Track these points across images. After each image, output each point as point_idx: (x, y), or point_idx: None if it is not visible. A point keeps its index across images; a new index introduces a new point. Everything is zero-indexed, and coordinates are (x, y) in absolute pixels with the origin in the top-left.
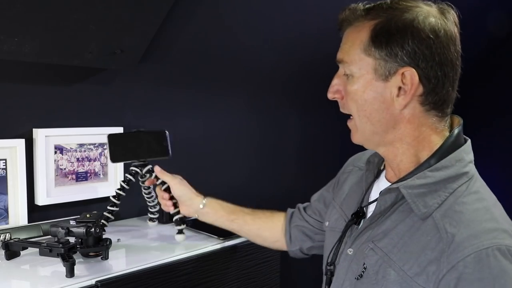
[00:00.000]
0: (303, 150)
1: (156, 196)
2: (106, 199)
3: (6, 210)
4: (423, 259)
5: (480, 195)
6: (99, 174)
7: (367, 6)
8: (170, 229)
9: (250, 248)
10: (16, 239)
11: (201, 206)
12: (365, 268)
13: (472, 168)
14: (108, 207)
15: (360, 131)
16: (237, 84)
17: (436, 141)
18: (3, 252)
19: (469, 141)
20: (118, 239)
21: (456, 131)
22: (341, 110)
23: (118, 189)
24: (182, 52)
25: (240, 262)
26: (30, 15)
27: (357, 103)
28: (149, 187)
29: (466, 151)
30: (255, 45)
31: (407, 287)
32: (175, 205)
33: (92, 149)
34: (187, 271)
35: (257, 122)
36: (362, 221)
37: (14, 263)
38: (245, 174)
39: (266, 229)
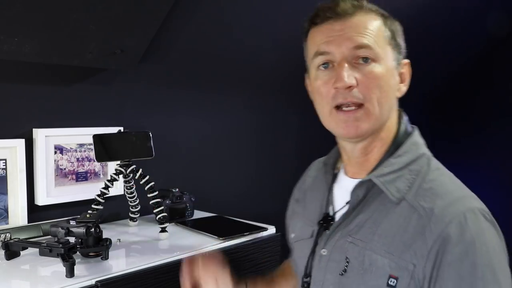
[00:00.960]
0: (302, 150)
1: (136, 196)
2: (106, 199)
3: (6, 210)
4: (406, 238)
5: (441, 170)
6: (99, 174)
7: (354, 2)
8: (170, 229)
9: (250, 248)
10: (16, 239)
11: None
12: (347, 262)
13: (427, 150)
14: (93, 206)
15: (375, 119)
16: (237, 84)
17: (394, 128)
18: (3, 252)
19: (416, 127)
20: (118, 239)
21: (405, 119)
22: (350, 99)
23: (103, 188)
24: (182, 52)
25: (240, 262)
26: (30, 15)
27: (382, 89)
28: (131, 187)
29: (418, 136)
30: (255, 45)
31: (396, 267)
32: (162, 221)
33: (92, 149)
34: None
35: (257, 122)
36: (331, 226)
37: (14, 263)
38: (245, 174)
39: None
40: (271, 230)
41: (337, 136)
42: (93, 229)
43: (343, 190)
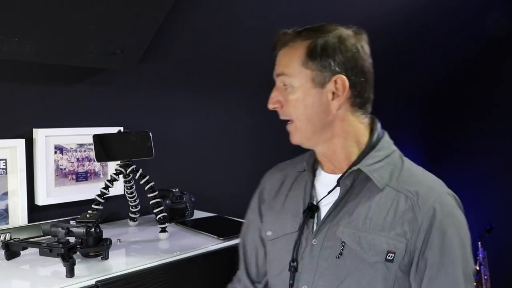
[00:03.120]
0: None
1: (136, 196)
2: (106, 199)
3: (6, 210)
4: (397, 217)
5: (413, 163)
6: (99, 174)
7: (297, 30)
8: (170, 229)
9: None
10: (16, 239)
11: None
12: (343, 246)
13: (396, 148)
14: (93, 206)
15: (301, 132)
16: (237, 84)
17: (365, 133)
18: (3, 252)
19: (385, 131)
20: (118, 239)
21: (378, 125)
22: (281, 117)
23: (103, 188)
24: (182, 52)
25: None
26: (30, 15)
27: (298, 109)
28: (131, 187)
29: (388, 137)
30: (254, 45)
31: (392, 243)
32: (162, 221)
33: (92, 149)
34: (187, 271)
35: (256, 121)
36: (316, 214)
37: (14, 263)
38: (244, 174)
39: None
40: None
41: None
42: (93, 229)
43: (324, 184)
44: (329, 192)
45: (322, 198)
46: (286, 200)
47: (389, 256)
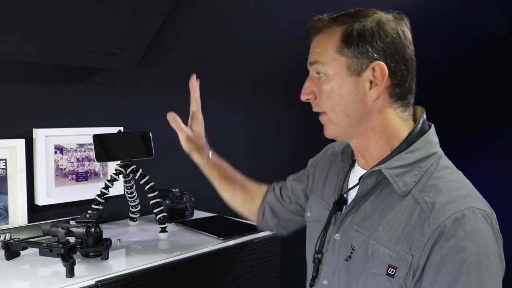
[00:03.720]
0: (301, 150)
1: (136, 196)
2: (106, 199)
3: (6, 210)
4: (408, 230)
5: (451, 169)
6: (99, 174)
7: (332, 15)
8: (170, 229)
9: (250, 248)
10: (16, 239)
11: (210, 153)
12: (353, 249)
13: (439, 149)
14: (93, 206)
15: (336, 124)
16: (237, 84)
17: (404, 129)
18: (3, 252)
19: (433, 126)
20: (118, 239)
21: (421, 119)
22: (314, 109)
23: (103, 188)
24: (182, 52)
25: (240, 262)
26: (30, 15)
27: (333, 99)
28: (132, 187)
29: (432, 135)
30: (254, 45)
31: (396, 258)
32: (162, 221)
33: (92, 149)
34: (187, 271)
35: (256, 122)
36: (344, 207)
37: (14, 263)
38: (244, 173)
39: (249, 201)
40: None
41: None
42: (93, 229)
43: (356, 178)
44: (350, 188)
45: (347, 191)
46: (325, 185)
47: (390, 270)
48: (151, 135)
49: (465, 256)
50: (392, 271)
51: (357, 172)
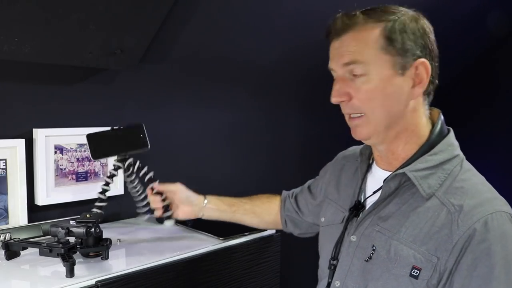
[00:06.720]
0: (303, 150)
1: (142, 190)
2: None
3: (6, 210)
4: (433, 232)
5: (473, 172)
6: (99, 174)
7: (362, 11)
8: (170, 229)
9: (250, 248)
10: (16, 239)
11: (205, 202)
12: (374, 250)
13: (460, 152)
14: (96, 204)
15: (374, 126)
16: (237, 84)
17: (426, 128)
18: (3, 252)
19: (451, 129)
20: (118, 239)
21: (440, 120)
22: (347, 111)
23: (104, 185)
24: (182, 52)
25: (240, 262)
26: (30, 15)
27: (375, 100)
28: (134, 181)
29: (453, 137)
30: (255, 45)
31: (420, 259)
32: (166, 208)
33: None
34: (187, 271)
35: (257, 121)
36: (361, 213)
37: (14, 263)
38: (245, 173)
39: (267, 214)
40: (271, 230)
41: None
42: (93, 229)
43: (375, 180)
44: (374, 192)
45: (368, 197)
46: (339, 190)
47: (414, 271)
48: (144, 126)
49: (496, 260)
50: (416, 273)
51: (376, 173)
